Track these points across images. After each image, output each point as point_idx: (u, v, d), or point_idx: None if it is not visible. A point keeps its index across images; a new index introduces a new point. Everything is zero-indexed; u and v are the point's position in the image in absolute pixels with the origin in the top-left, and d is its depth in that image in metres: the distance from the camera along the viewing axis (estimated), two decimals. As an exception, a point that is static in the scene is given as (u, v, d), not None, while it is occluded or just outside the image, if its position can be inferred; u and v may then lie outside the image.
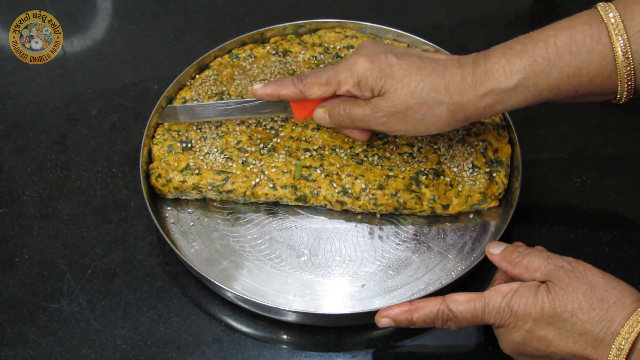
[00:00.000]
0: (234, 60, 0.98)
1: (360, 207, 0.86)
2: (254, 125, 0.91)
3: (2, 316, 0.82)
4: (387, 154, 0.88)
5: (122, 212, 0.90)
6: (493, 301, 0.71)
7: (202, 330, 0.81)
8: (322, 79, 0.80)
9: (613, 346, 0.65)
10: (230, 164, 0.87)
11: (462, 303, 0.72)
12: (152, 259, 0.86)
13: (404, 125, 0.78)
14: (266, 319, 0.82)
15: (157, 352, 0.80)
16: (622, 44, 0.72)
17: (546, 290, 0.69)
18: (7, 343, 0.81)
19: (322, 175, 0.86)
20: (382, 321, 0.76)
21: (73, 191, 0.92)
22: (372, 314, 0.77)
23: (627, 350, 0.65)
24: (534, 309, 0.69)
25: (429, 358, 0.80)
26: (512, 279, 0.74)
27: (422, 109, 0.76)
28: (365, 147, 0.89)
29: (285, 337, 0.82)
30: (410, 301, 0.75)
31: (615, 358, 0.65)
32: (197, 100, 0.93)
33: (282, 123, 0.91)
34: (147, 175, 0.88)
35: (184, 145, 0.89)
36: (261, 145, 0.89)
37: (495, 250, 0.76)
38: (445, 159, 0.88)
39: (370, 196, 0.85)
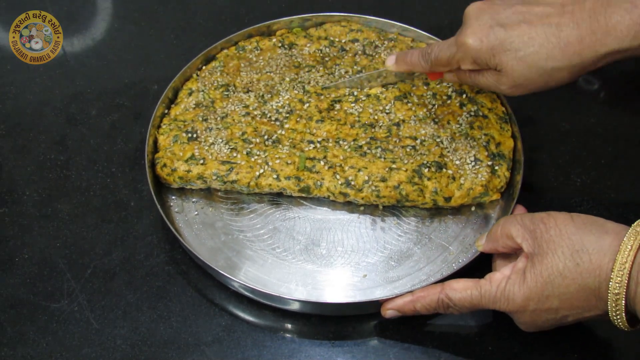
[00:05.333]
0: (240, 52, 1.01)
1: (362, 198, 0.88)
2: (259, 117, 0.94)
3: (2, 316, 0.84)
4: (390, 147, 0.90)
5: (122, 212, 0.91)
6: (488, 291, 0.74)
7: (202, 330, 0.83)
8: (444, 59, 0.82)
9: (609, 291, 0.67)
10: (234, 154, 0.90)
11: (460, 291, 0.76)
12: (152, 258, 0.87)
13: (527, 90, 0.80)
14: (269, 308, 0.84)
15: (157, 352, 0.82)
16: None
17: (531, 266, 0.72)
18: (7, 343, 0.82)
19: (326, 167, 0.89)
20: (388, 313, 0.80)
21: (73, 191, 0.93)
22: (373, 303, 0.81)
23: (624, 293, 0.67)
24: (528, 292, 0.72)
25: (429, 346, 0.82)
26: (508, 257, 0.78)
27: (542, 78, 0.77)
28: (368, 139, 0.91)
29: (287, 326, 0.84)
30: (412, 291, 0.79)
31: (615, 304, 0.68)
32: (203, 91, 0.95)
33: (287, 115, 0.94)
34: (153, 165, 0.91)
35: (190, 135, 0.92)
36: (266, 137, 0.92)
37: (482, 240, 0.80)
38: (448, 152, 0.90)
39: (373, 188, 0.87)
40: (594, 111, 1.02)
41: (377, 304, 0.81)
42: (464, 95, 0.95)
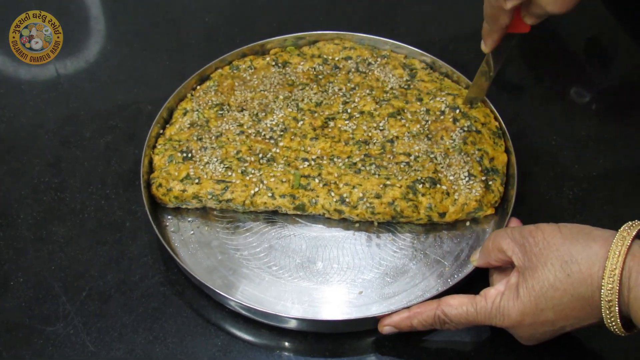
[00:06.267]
0: (235, 71, 1.02)
1: (357, 215, 0.89)
2: (254, 135, 0.94)
3: (-2, 340, 0.82)
4: (385, 163, 0.91)
5: (116, 234, 0.90)
6: (483, 307, 0.75)
7: (199, 351, 0.82)
8: (494, 5, 0.82)
9: (602, 299, 0.68)
10: (229, 173, 0.90)
11: (456, 307, 0.76)
12: (147, 280, 0.87)
13: None
14: (265, 327, 0.84)
15: (153, 374, 0.80)
16: None
17: (523, 280, 0.72)
18: (3, 368, 0.80)
19: (320, 185, 0.89)
20: (385, 329, 0.80)
21: (67, 213, 0.93)
22: (369, 320, 0.81)
23: (617, 300, 0.67)
24: (523, 307, 0.72)
25: None
26: (504, 271, 0.78)
27: None
28: (362, 156, 0.92)
29: (284, 344, 0.83)
30: (409, 307, 0.79)
31: (608, 311, 0.68)
32: (197, 110, 0.96)
33: (281, 133, 0.94)
34: (148, 185, 0.91)
35: (185, 155, 0.92)
36: (260, 155, 0.92)
37: (476, 255, 0.81)
38: (442, 167, 0.90)
39: (368, 205, 0.87)
40: (586, 124, 1.02)
41: (374, 321, 0.81)
42: (457, 111, 0.95)
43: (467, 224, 0.90)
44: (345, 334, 0.83)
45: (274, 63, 1.02)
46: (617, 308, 0.67)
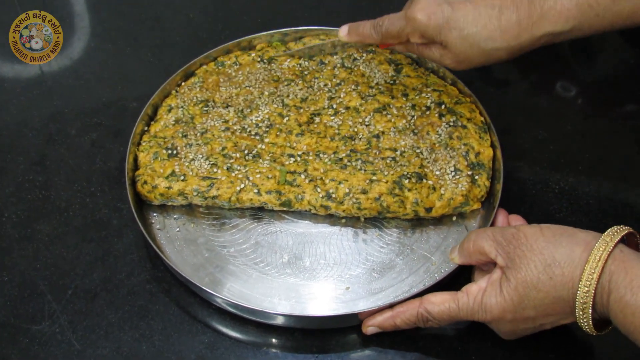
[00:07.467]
0: (220, 67, 1.01)
1: (344, 211, 0.89)
2: (239, 131, 0.94)
3: (-17, 340, 0.82)
4: (371, 159, 0.91)
5: (102, 231, 0.90)
6: (465, 303, 0.75)
7: (185, 348, 0.82)
8: (394, 32, 0.86)
9: (577, 301, 0.69)
10: (215, 170, 0.90)
11: (438, 305, 0.77)
12: (133, 277, 0.87)
13: (469, 66, 0.85)
14: (252, 324, 0.84)
15: (139, 372, 0.80)
16: None
17: (506, 280, 0.73)
18: (-12, 367, 0.80)
19: (306, 181, 0.89)
20: (369, 329, 0.80)
21: (52, 212, 0.93)
22: (356, 316, 0.81)
23: (591, 302, 0.68)
24: (505, 304, 0.73)
25: (413, 357, 0.82)
26: (487, 265, 0.79)
27: (482, 57, 0.82)
28: (348, 152, 0.92)
29: (271, 341, 0.83)
30: (391, 307, 0.79)
31: (582, 312, 0.69)
32: (182, 107, 0.96)
33: (267, 129, 0.94)
34: (133, 182, 0.91)
35: (170, 152, 0.92)
36: (246, 151, 0.92)
37: (454, 253, 0.81)
38: (428, 162, 0.91)
39: (354, 200, 0.87)
40: (571, 118, 1.02)
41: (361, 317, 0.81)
42: (443, 106, 0.95)
43: (454, 218, 0.90)
44: (332, 330, 0.83)
45: (259, 59, 1.02)
46: (590, 310, 0.68)
